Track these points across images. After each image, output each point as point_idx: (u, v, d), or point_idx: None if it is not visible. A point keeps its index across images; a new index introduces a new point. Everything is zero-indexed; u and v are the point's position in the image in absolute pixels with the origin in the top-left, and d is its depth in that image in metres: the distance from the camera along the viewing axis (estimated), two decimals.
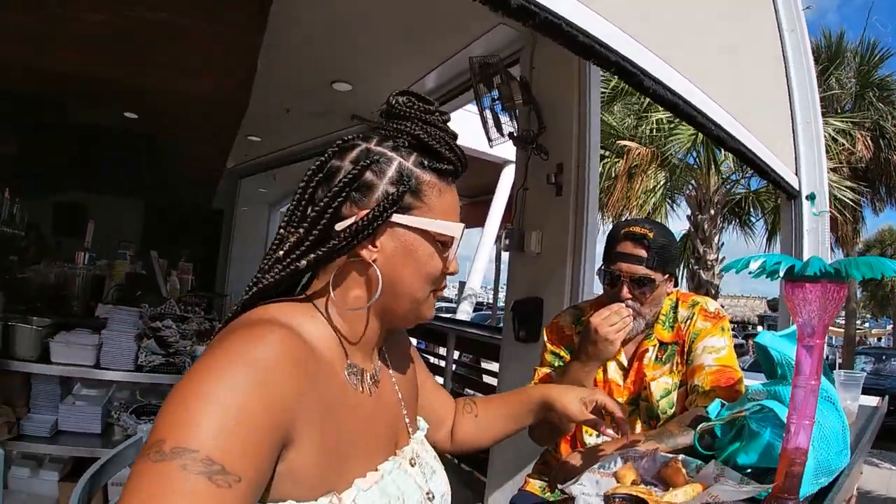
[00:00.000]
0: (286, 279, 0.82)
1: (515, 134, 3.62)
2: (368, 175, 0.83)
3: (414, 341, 4.39)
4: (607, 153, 9.67)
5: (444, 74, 4.77)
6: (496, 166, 7.91)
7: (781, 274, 0.97)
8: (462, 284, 8.86)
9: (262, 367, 0.66)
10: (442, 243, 0.87)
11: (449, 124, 0.90)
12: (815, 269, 0.91)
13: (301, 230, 0.81)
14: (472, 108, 4.14)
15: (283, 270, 0.81)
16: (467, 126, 3.92)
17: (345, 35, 4.18)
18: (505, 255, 5.60)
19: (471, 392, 4.91)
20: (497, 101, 3.67)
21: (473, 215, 10.19)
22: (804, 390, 0.95)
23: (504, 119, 3.75)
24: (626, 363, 1.78)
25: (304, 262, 0.80)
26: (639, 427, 1.70)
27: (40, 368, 2.92)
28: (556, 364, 1.85)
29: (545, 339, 1.92)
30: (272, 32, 3.94)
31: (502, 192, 8.15)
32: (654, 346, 1.75)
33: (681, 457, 1.19)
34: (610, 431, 1.25)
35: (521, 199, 3.86)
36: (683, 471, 1.14)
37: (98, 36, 3.12)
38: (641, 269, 1.65)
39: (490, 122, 3.76)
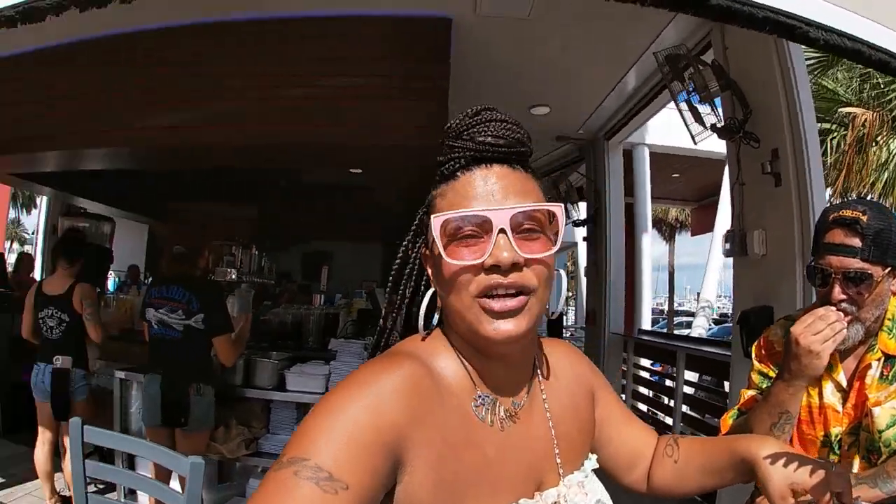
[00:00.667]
0: (404, 319, 0.89)
1: (719, 125, 3.24)
2: (419, 214, 0.88)
3: (647, 363, 4.13)
4: (833, 126, 7.92)
5: (640, 75, 4.51)
6: (719, 163, 7.14)
7: None
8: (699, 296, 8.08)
9: (378, 391, 0.70)
10: (441, 243, 0.77)
11: (475, 116, 0.81)
12: None
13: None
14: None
15: (397, 313, 0.89)
16: (676, 125, 3.64)
17: (531, 60, 4.22)
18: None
19: (711, 419, 4.40)
20: (693, 93, 3.33)
21: (701, 220, 9.32)
22: None
23: (705, 110, 3.38)
24: (845, 383, 1.43)
25: (399, 300, 0.88)
26: (857, 464, 1.34)
27: (277, 395, 3.43)
28: (764, 386, 1.55)
29: (753, 356, 1.63)
30: (460, 71, 4.17)
31: (728, 191, 7.26)
32: (879, 360, 1.38)
33: None
34: None
35: (738, 196, 3.43)
36: None
37: (303, 107, 3.62)
38: (855, 263, 1.32)
39: (689, 116, 3.42)
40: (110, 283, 6.24)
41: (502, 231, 0.73)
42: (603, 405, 1.01)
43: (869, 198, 7.99)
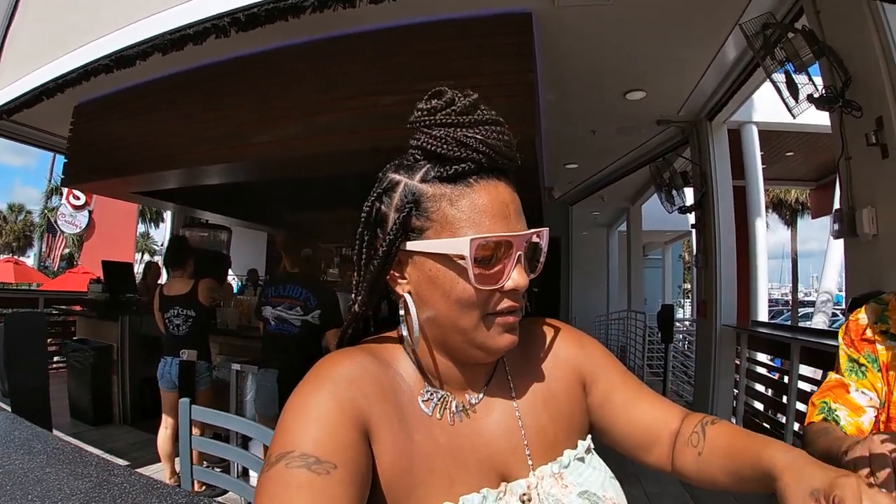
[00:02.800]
0: (360, 321, 0.89)
1: (816, 95, 2.98)
2: (380, 207, 0.81)
3: (763, 357, 3.84)
4: None
5: (736, 48, 4.23)
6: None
7: None
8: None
9: (334, 378, 0.77)
10: (472, 265, 0.74)
11: (475, 112, 0.77)
12: None
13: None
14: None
15: (354, 317, 0.88)
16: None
17: (620, 45, 4.11)
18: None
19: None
20: (787, 63, 3.09)
21: (821, 201, 8.42)
22: None
23: (801, 81, 3.13)
24: None
25: (358, 307, 0.85)
26: None
27: None
28: (853, 375, 1.39)
29: (840, 342, 1.47)
30: (550, 63, 4.15)
31: None
32: None
33: None
34: None
35: (845, 171, 3.13)
36: None
37: (402, 113, 3.75)
38: None
39: (784, 89, 3.18)
40: (234, 287, 6.79)
41: (519, 256, 0.76)
42: (601, 389, 0.96)
43: None
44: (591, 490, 0.84)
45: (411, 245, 0.78)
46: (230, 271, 6.25)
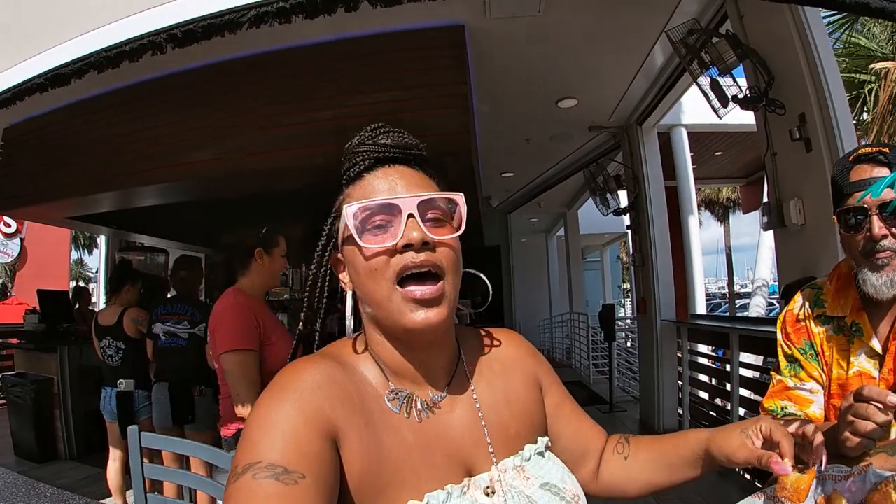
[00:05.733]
0: (314, 316, 0.95)
1: (740, 96, 3.16)
2: (328, 222, 0.93)
3: (704, 348, 4.00)
4: (871, 77, 7.49)
5: (663, 54, 4.43)
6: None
7: None
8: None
9: (298, 387, 0.77)
10: (355, 230, 0.82)
11: (376, 129, 0.90)
12: None
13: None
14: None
15: (307, 309, 0.95)
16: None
17: (551, 55, 4.22)
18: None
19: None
20: (712, 67, 3.26)
21: (750, 197, 8.95)
22: None
23: (726, 83, 3.30)
24: (879, 348, 1.33)
25: (304, 310, 0.95)
26: (894, 431, 1.27)
27: None
28: (791, 371, 1.47)
29: (778, 335, 1.53)
30: (484, 74, 4.21)
31: None
32: None
33: None
34: (782, 463, 0.83)
35: (771, 166, 3.32)
36: (894, 497, 0.84)
37: (333, 128, 3.73)
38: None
39: (709, 92, 3.34)
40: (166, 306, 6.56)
41: (411, 216, 0.80)
42: (550, 398, 1.03)
43: None
44: (551, 482, 0.88)
45: (339, 244, 0.89)
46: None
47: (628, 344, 9.98)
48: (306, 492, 0.67)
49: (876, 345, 1.34)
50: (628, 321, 10.84)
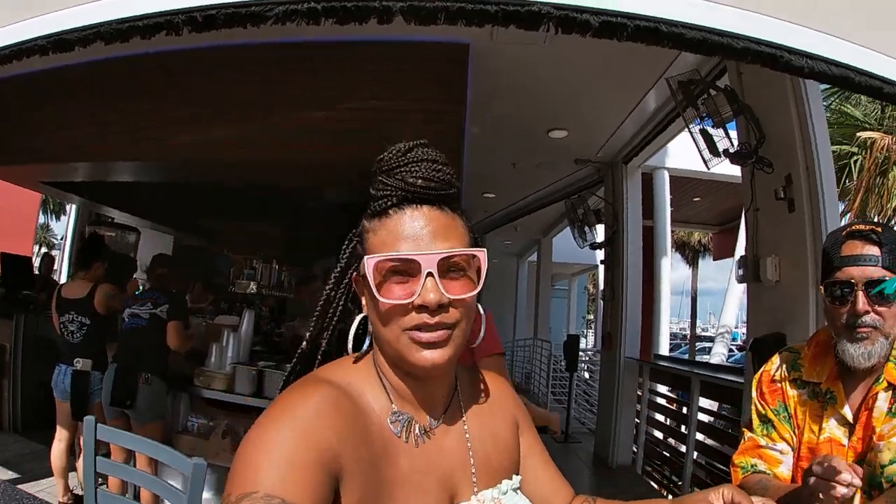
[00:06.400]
0: (326, 331, 0.95)
1: (731, 150, 3.24)
2: (352, 242, 0.93)
3: (663, 389, 4.07)
4: (855, 148, 7.88)
5: (658, 99, 4.54)
6: (740, 187, 7.11)
7: None
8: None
9: (305, 416, 0.75)
10: (373, 282, 0.83)
11: (409, 154, 0.87)
12: None
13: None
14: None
15: (315, 326, 0.96)
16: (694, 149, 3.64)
17: (549, 84, 4.27)
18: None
19: (729, 449, 4.30)
20: (707, 119, 3.35)
21: (723, 245, 9.19)
22: None
23: (718, 136, 3.39)
24: (850, 417, 1.37)
25: (327, 316, 0.95)
26: (857, 499, 1.30)
27: None
28: (764, 430, 1.51)
29: (753, 393, 1.57)
30: (479, 95, 4.24)
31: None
32: (886, 390, 1.33)
33: None
34: None
35: (752, 221, 3.42)
36: None
37: (325, 129, 3.72)
38: (878, 271, 1.28)
39: (701, 142, 3.43)
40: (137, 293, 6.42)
41: (430, 274, 0.80)
42: (524, 440, 1.06)
43: (891, 223, 7.87)
44: None
45: (361, 269, 0.88)
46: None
47: (587, 375, 10.07)
48: None
49: (848, 413, 1.37)
50: (589, 353, 10.95)
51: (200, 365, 3.71)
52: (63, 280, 6.69)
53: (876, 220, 7.89)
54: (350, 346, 0.90)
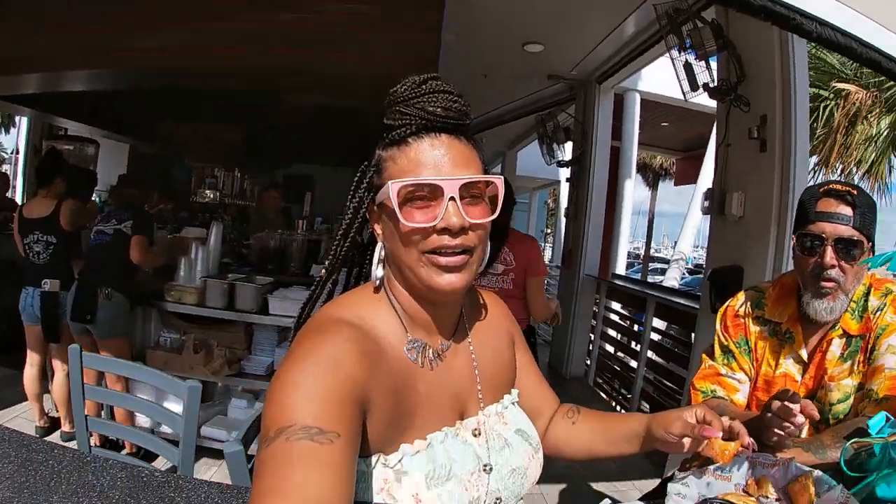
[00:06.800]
0: (341, 262, 0.98)
1: (711, 84, 3.26)
2: (366, 172, 0.95)
3: (618, 306, 4.31)
4: (828, 94, 8.03)
5: (639, 22, 4.44)
6: (709, 118, 7.16)
7: None
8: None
9: (331, 354, 0.79)
10: (397, 205, 0.86)
11: (423, 86, 0.89)
12: None
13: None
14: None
15: (334, 256, 0.97)
16: (670, 74, 3.63)
17: None
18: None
19: (676, 367, 4.63)
20: (689, 50, 3.32)
21: (685, 171, 9.38)
22: None
23: (699, 69, 3.38)
24: (805, 357, 1.53)
25: (343, 248, 0.97)
26: (805, 432, 1.47)
27: (259, 319, 3.56)
28: (724, 360, 1.65)
29: (717, 325, 1.71)
30: (457, 5, 4.05)
31: (714, 149, 7.24)
32: (840, 337, 1.48)
33: (816, 473, 1.03)
34: (712, 429, 1.00)
35: (722, 156, 3.49)
36: (812, 490, 1.00)
37: (293, 32, 3.53)
38: (848, 230, 1.39)
39: (682, 73, 3.42)
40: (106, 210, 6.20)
41: (452, 199, 0.85)
42: (519, 357, 1.16)
43: (853, 174, 8.17)
44: (522, 429, 1.03)
45: (378, 198, 0.91)
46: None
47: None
48: (342, 450, 0.71)
49: (804, 354, 1.53)
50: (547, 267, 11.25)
51: (170, 280, 3.69)
52: (20, 200, 6.33)
53: (840, 169, 8.20)
54: (374, 271, 0.94)
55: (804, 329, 1.54)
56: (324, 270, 0.98)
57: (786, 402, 1.19)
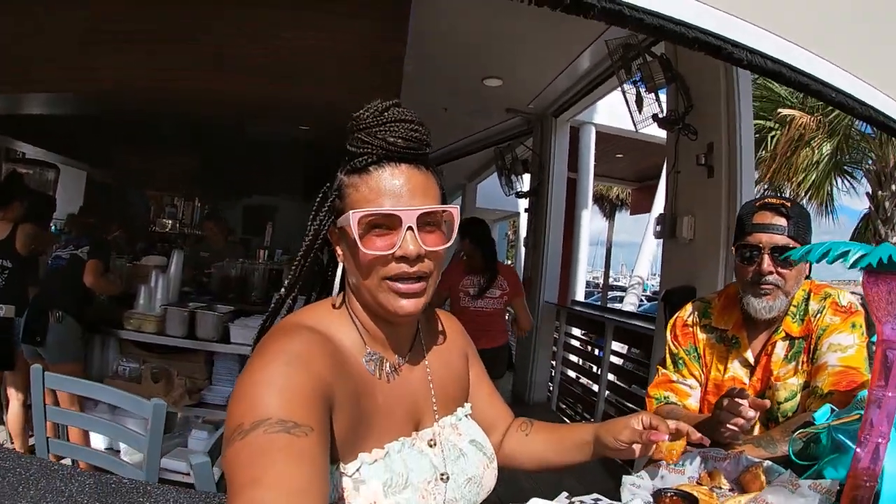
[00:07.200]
0: (301, 280, 1.01)
1: (660, 115, 3.44)
2: (328, 195, 0.98)
3: (578, 332, 4.47)
4: (773, 124, 8.53)
5: (593, 58, 4.66)
6: (661, 148, 7.46)
7: (851, 262, 0.86)
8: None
9: (298, 353, 0.82)
10: (357, 235, 0.89)
11: (385, 114, 0.92)
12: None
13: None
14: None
15: (294, 274, 1.00)
16: (624, 108, 3.80)
17: (489, 34, 4.28)
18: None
19: (637, 389, 4.73)
20: (640, 83, 3.51)
21: (640, 201, 9.69)
22: (884, 401, 0.85)
23: (648, 101, 3.57)
24: (752, 360, 1.63)
25: (303, 267, 1.00)
26: (757, 430, 1.55)
27: (220, 348, 3.53)
28: (675, 368, 1.74)
29: (667, 335, 1.80)
30: (418, 39, 4.17)
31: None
32: (784, 340, 1.58)
33: (766, 463, 1.10)
34: (658, 433, 1.05)
35: (672, 182, 3.66)
36: (763, 478, 1.06)
37: (256, 62, 3.58)
38: (783, 239, 1.50)
39: (633, 104, 3.60)
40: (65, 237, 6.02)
41: (409, 228, 0.89)
42: (473, 372, 1.21)
43: (797, 195, 8.62)
44: (476, 439, 1.08)
45: (339, 222, 0.94)
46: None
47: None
48: (316, 444, 0.73)
49: (750, 357, 1.64)
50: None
51: (129, 308, 3.61)
52: None
53: (787, 191, 8.64)
54: (335, 291, 0.99)
55: (749, 334, 1.65)
56: (283, 289, 1.01)
57: (735, 398, 1.27)
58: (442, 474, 0.96)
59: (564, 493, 1.08)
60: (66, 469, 1.05)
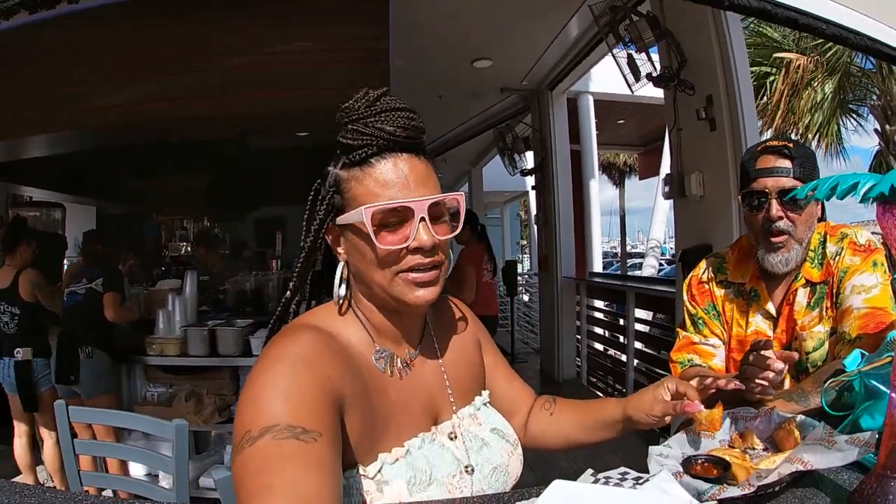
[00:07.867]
0: (305, 283, 0.99)
1: (654, 74, 3.37)
2: (321, 192, 0.95)
3: (600, 304, 4.54)
4: (771, 69, 8.34)
5: (580, 25, 4.57)
6: (662, 108, 7.34)
7: (861, 194, 0.80)
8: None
9: (303, 355, 0.80)
10: (372, 230, 0.86)
11: (378, 103, 0.89)
12: None
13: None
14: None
15: (298, 277, 0.98)
16: (619, 72, 3.73)
17: (472, 14, 4.22)
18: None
19: (666, 354, 4.67)
20: (630, 44, 3.43)
21: (649, 164, 9.57)
22: None
23: (641, 60, 3.50)
24: (774, 311, 1.55)
25: (294, 279, 0.98)
26: (787, 383, 1.49)
27: (244, 361, 3.52)
28: (695, 328, 1.67)
29: (684, 296, 1.73)
30: (403, 31, 4.14)
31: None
32: (804, 287, 1.51)
33: (799, 418, 1.05)
34: (693, 404, 1.01)
35: (676, 141, 3.59)
36: (797, 434, 1.02)
37: (247, 75, 3.58)
38: (789, 181, 1.41)
39: (625, 67, 3.53)
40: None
41: (422, 219, 0.87)
42: (488, 358, 1.18)
43: (805, 139, 8.43)
44: (498, 427, 1.05)
45: (340, 219, 0.91)
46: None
47: (526, 298, 10.46)
48: (326, 449, 0.71)
49: (771, 308, 1.56)
50: (527, 276, 11.33)
51: (150, 334, 3.64)
52: None
53: (794, 136, 8.49)
54: (337, 291, 0.94)
55: (768, 285, 1.57)
56: (289, 292, 0.99)
57: (760, 351, 1.23)
58: (466, 466, 0.95)
59: (590, 470, 1.04)
60: (89, 499, 1.04)
